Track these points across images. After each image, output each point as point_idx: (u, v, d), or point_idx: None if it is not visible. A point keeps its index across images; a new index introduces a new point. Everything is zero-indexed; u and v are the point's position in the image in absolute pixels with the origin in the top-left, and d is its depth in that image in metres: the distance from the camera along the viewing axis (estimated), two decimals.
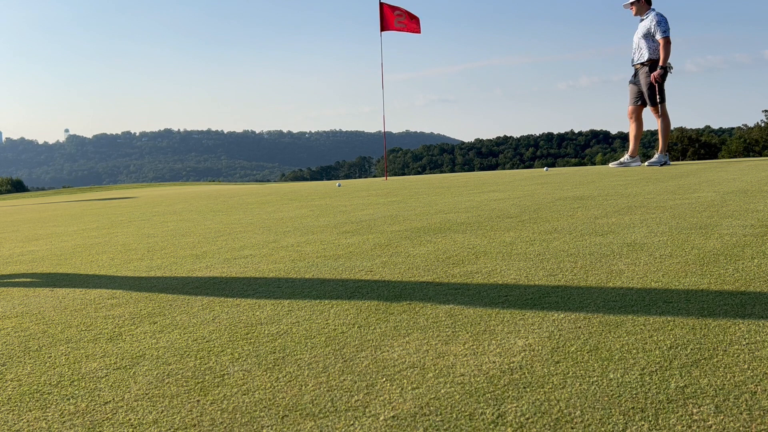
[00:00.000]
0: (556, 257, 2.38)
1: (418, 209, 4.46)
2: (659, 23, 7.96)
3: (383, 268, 2.41)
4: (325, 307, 1.89)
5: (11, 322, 1.95)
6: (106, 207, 8.19)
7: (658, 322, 1.54)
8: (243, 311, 1.91)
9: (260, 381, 1.34)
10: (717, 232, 2.68)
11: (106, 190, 23.30)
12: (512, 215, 3.72)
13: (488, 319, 1.66)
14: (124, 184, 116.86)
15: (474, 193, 5.58)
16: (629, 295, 1.79)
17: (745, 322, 1.50)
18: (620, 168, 8.20)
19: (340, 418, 1.14)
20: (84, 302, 2.17)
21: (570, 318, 1.62)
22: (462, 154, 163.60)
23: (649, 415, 1.07)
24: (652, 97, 8.10)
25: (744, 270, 2.00)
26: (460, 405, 1.15)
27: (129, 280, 2.53)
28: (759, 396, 1.11)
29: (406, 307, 1.83)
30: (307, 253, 2.86)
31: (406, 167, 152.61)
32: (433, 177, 11.67)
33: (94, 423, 1.19)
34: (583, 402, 1.13)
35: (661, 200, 3.99)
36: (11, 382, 1.42)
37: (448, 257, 2.53)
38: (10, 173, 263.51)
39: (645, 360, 1.31)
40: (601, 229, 2.98)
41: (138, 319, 1.90)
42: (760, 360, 1.27)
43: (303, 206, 5.44)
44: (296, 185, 12.96)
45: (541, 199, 4.56)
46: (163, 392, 1.31)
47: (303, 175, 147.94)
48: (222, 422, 1.15)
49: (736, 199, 3.81)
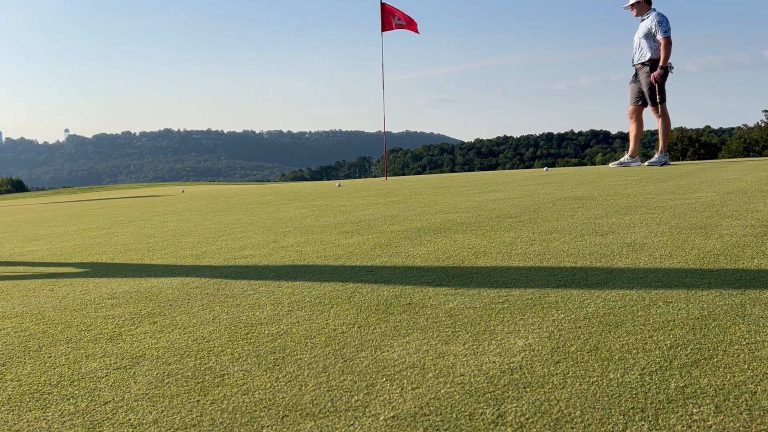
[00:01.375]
0: (556, 257, 2.38)
1: (418, 209, 4.46)
2: (660, 23, 7.96)
3: (383, 268, 2.41)
4: (325, 307, 1.89)
5: (11, 322, 1.95)
6: (106, 207, 8.19)
7: (658, 322, 1.54)
8: (243, 311, 1.91)
9: (260, 381, 1.34)
10: (717, 232, 2.68)
11: (106, 190, 23.29)
12: (512, 215, 3.72)
13: (488, 319, 1.66)
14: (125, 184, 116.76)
15: (474, 193, 5.58)
16: (629, 295, 1.79)
17: (745, 322, 1.50)
18: (620, 168, 8.20)
19: (340, 418, 1.14)
20: (84, 302, 2.17)
21: (570, 318, 1.62)
22: (462, 154, 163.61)
23: (649, 415, 1.07)
24: (652, 96, 8.10)
25: (744, 270, 2.00)
26: (460, 405, 1.15)
27: (129, 280, 2.53)
28: (759, 396, 1.11)
29: (406, 307, 1.83)
30: (307, 253, 2.86)
31: (406, 167, 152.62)
32: (433, 177, 11.68)
33: (94, 423, 1.19)
34: (583, 402, 1.13)
35: (661, 200, 3.99)
36: (11, 382, 1.42)
37: (448, 257, 2.53)
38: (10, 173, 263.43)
39: (645, 360, 1.31)
40: (601, 229, 2.98)
41: (138, 319, 1.90)
42: (760, 360, 1.27)
43: (303, 206, 5.44)
44: (296, 185, 12.97)
45: (541, 199, 4.56)
46: (163, 392, 1.31)
47: (303, 175, 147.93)
48: (222, 422, 1.15)
49: (736, 199, 3.81)
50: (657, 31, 7.98)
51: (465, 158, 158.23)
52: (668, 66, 8.11)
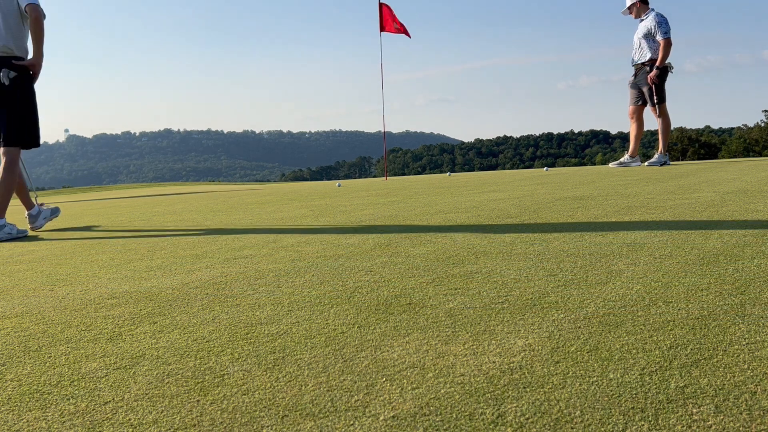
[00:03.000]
0: (556, 257, 2.38)
1: (418, 209, 4.46)
2: (660, 24, 7.96)
3: (383, 268, 2.41)
4: (325, 307, 1.89)
5: (11, 322, 1.95)
6: (106, 207, 8.19)
7: (658, 322, 1.54)
8: (243, 311, 1.91)
9: (260, 381, 1.34)
10: (717, 232, 2.68)
11: (106, 190, 23.30)
12: (512, 215, 3.72)
13: (488, 319, 1.66)
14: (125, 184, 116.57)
15: (474, 193, 5.58)
16: (629, 295, 1.79)
17: (745, 322, 1.50)
18: (620, 168, 8.20)
19: (340, 418, 1.14)
20: (84, 302, 2.17)
21: (570, 318, 1.62)
22: (462, 154, 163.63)
23: (649, 415, 1.07)
24: (651, 97, 8.10)
25: (744, 270, 2.00)
26: (460, 405, 1.15)
27: (129, 280, 2.53)
28: (759, 396, 1.11)
29: (406, 307, 1.83)
30: (307, 253, 2.86)
31: (406, 167, 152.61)
32: (432, 177, 11.67)
33: (94, 423, 1.19)
34: (583, 402, 1.13)
35: (661, 200, 3.99)
36: (11, 382, 1.42)
37: (448, 257, 2.53)
38: None
39: (645, 360, 1.31)
40: (601, 229, 2.98)
41: (138, 319, 1.90)
42: (760, 360, 1.27)
43: (303, 206, 5.44)
44: (296, 185, 12.97)
45: (541, 199, 4.56)
46: (163, 392, 1.31)
47: (303, 175, 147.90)
48: (222, 422, 1.15)
49: (736, 199, 3.81)
50: (657, 32, 7.97)
51: (465, 158, 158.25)
52: (668, 66, 8.11)
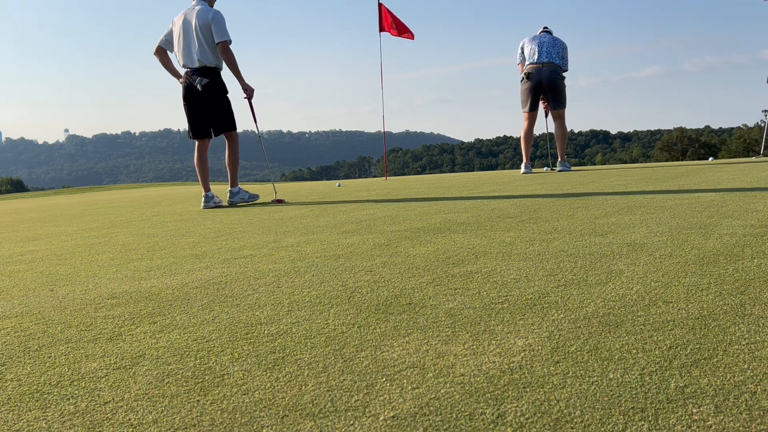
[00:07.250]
0: (556, 257, 2.38)
1: (418, 209, 4.46)
2: None
3: (383, 268, 2.41)
4: (325, 307, 1.89)
5: (11, 322, 1.95)
6: (106, 207, 8.19)
7: (658, 322, 1.54)
8: (243, 311, 1.91)
9: (260, 381, 1.34)
10: (717, 232, 2.68)
11: (106, 190, 23.31)
12: (512, 215, 3.72)
13: (488, 319, 1.66)
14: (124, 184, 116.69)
15: (474, 193, 5.58)
16: (629, 295, 1.79)
17: (745, 322, 1.50)
18: (620, 168, 8.20)
19: (340, 418, 1.14)
20: (84, 302, 2.17)
21: (570, 318, 1.62)
22: (462, 154, 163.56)
23: (649, 415, 1.07)
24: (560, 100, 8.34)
25: (744, 270, 2.00)
26: (460, 405, 1.15)
27: (129, 280, 2.53)
28: (759, 396, 1.11)
29: (405, 307, 1.83)
30: (307, 253, 2.86)
31: (406, 167, 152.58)
32: (432, 177, 11.68)
33: (94, 423, 1.19)
34: (583, 402, 1.13)
35: (661, 200, 3.99)
36: (11, 382, 1.42)
37: (448, 257, 2.53)
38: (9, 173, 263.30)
39: (645, 360, 1.31)
40: (601, 229, 2.98)
41: (138, 319, 1.90)
42: (760, 360, 1.27)
43: (303, 206, 5.44)
44: (296, 185, 12.97)
45: (541, 199, 4.56)
46: (163, 392, 1.31)
47: (303, 175, 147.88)
48: (222, 422, 1.15)
49: (736, 199, 3.81)
50: None
51: (465, 158, 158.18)
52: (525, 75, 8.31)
